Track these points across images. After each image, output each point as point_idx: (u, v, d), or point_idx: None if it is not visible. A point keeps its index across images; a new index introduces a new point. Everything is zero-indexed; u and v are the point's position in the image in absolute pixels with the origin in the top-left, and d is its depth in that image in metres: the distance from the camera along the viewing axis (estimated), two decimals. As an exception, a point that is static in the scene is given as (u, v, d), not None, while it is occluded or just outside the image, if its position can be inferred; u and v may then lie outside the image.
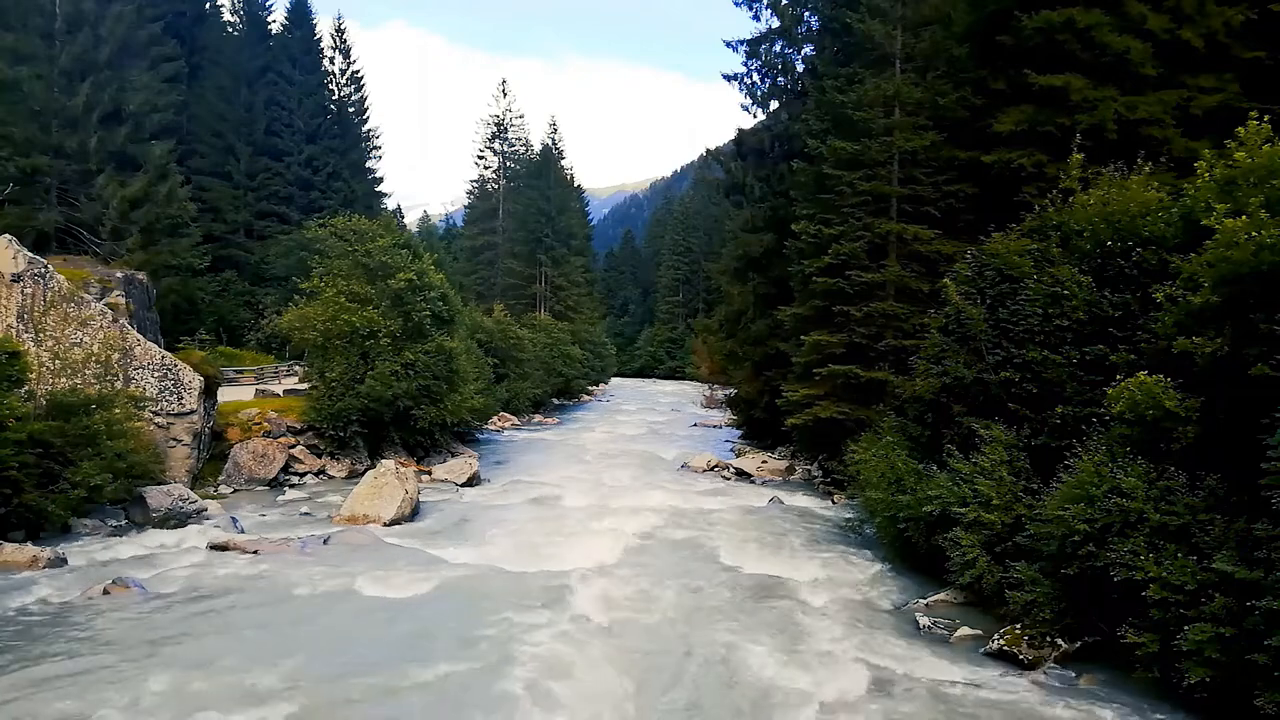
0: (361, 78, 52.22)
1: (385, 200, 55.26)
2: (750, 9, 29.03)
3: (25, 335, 17.21)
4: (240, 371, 31.49)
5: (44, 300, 17.75)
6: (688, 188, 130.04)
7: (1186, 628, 8.10)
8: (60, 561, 12.83)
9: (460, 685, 8.89)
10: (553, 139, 71.37)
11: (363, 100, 52.71)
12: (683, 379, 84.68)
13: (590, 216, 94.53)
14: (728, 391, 37.44)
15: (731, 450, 29.97)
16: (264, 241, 43.49)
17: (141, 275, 24.04)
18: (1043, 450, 11.63)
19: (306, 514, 17.71)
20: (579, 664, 9.51)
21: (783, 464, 25.85)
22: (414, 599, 11.86)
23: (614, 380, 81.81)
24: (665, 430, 39.95)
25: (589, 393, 64.28)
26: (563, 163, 73.35)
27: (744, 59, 29.40)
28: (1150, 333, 10.49)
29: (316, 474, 22.15)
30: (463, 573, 13.24)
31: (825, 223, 21.16)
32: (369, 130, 53.55)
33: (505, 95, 70.75)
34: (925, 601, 12.19)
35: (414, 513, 17.59)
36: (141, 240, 28.51)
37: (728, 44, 29.69)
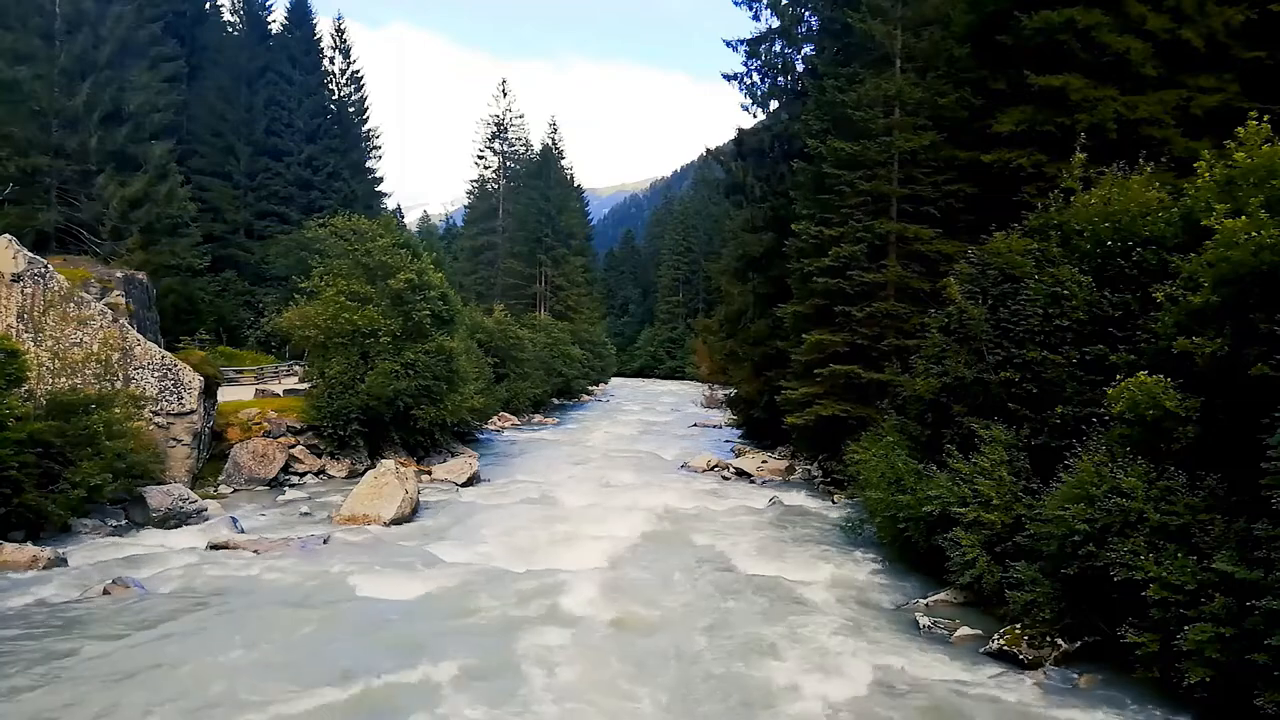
0: (361, 78, 52.26)
1: (385, 200, 55.27)
2: (750, 9, 29.03)
3: (25, 335, 17.21)
4: (240, 371, 31.48)
5: (44, 300, 17.75)
6: (688, 187, 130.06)
7: (1186, 628, 8.10)
8: (60, 561, 12.83)
9: (461, 685, 8.89)
10: (553, 139, 71.53)
11: (363, 100, 52.72)
12: (683, 379, 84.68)
13: (590, 216, 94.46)
14: (728, 391, 37.43)
15: (731, 450, 29.96)
16: (264, 241, 43.44)
17: (141, 275, 24.04)
18: (1043, 450, 11.63)
19: (306, 514, 17.71)
20: (579, 664, 9.52)
21: (783, 464, 25.84)
22: (414, 599, 11.86)
23: (614, 380, 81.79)
24: (665, 430, 39.94)
25: (589, 393, 64.26)
26: (563, 163, 73.49)
27: (744, 59, 29.40)
28: (1150, 333, 10.49)
29: (316, 474, 22.15)
30: (463, 573, 13.24)
31: (825, 223, 21.17)
32: (369, 130, 53.56)
33: (505, 95, 70.83)
34: (925, 601, 12.19)
35: (414, 512, 17.59)
36: (141, 240, 28.50)
37: (727, 44, 29.73)
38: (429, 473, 22.81)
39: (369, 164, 53.22)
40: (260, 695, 8.33)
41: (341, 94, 51.07)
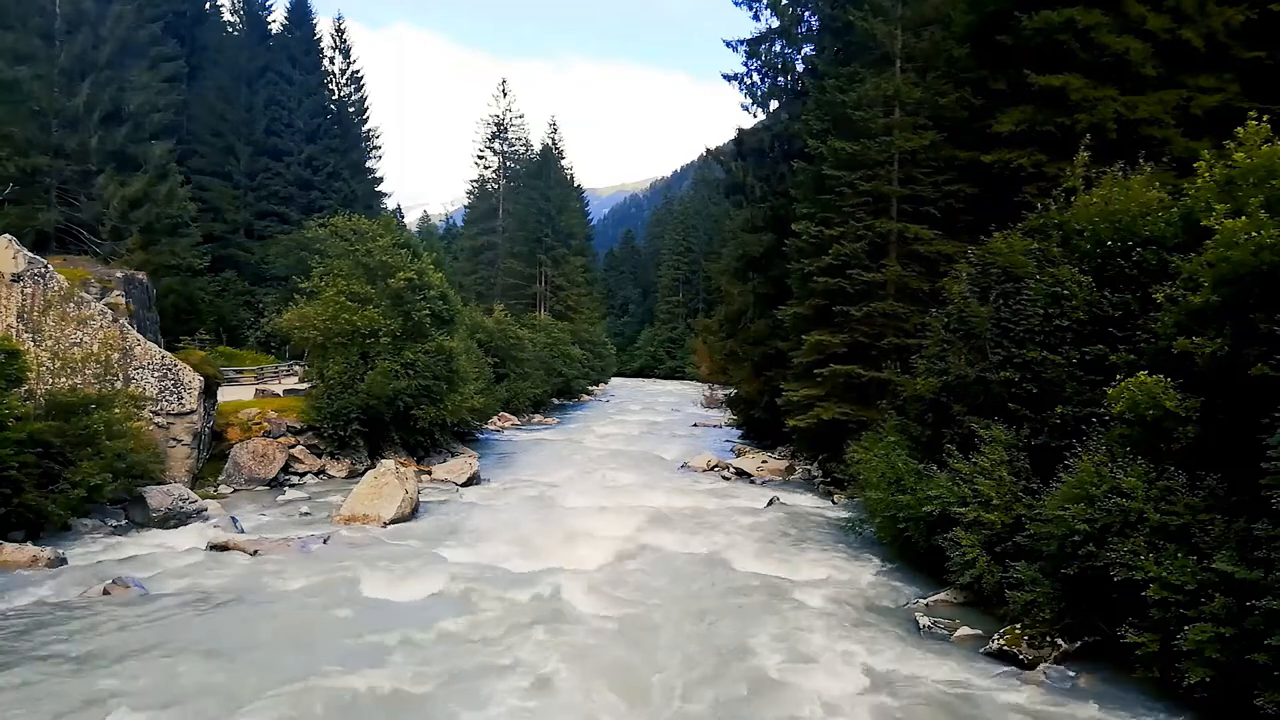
0: (361, 78, 52.30)
1: (385, 200, 55.31)
2: (750, 9, 29.01)
3: (25, 335, 17.20)
4: (240, 371, 31.48)
5: (44, 300, 17.74)
6: (688, 187, 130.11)
7: (1186, 628, 8.10)
8: (60, 561, 12.83)
9: (461, 685, 8.89)
10: (553, 139, 71.58)
11: (363, 100, 52.75)
12: (683, 379, 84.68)
13: (590, 216, 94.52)
14: (728, 391, 37.44)
15: (731, 450, 29.97)
16: (264, 241, 43.47)
17: (141, 275, 24.04)
18: (1043, 450, 11.62)
19: (306, 514, 17.71)
20: (579, 664, 9.51)
21: (783, 464, 25.84)
22: (414, 599, 11.86)
23: (614, 380, 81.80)
24: (665, 430, 39.95)
25: (589, 393, 64.28)
26: (563, 162, 73.54)
27: (744, 59, 29.37)
28: (1150, 333, 10.48)
29: (316, 474, 22.14)
30: (463, 573, 13.23)
31: (825, 223, 21.17)
32: (369, 130, 53.59)
33: (505, 95, 70.89)
34: (925, 601, 12.19)
35: (414, 512, 17.59)
36: (141, 240, 28.53)
37: (727, 44, 29.71)
38: (429, 473, 22.81)
39: (369, 164, 53.28)
40: (260, 695, 8.33)
41: (341, 94, 51.11)
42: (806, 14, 28.61)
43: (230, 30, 48.87)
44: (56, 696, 8.20)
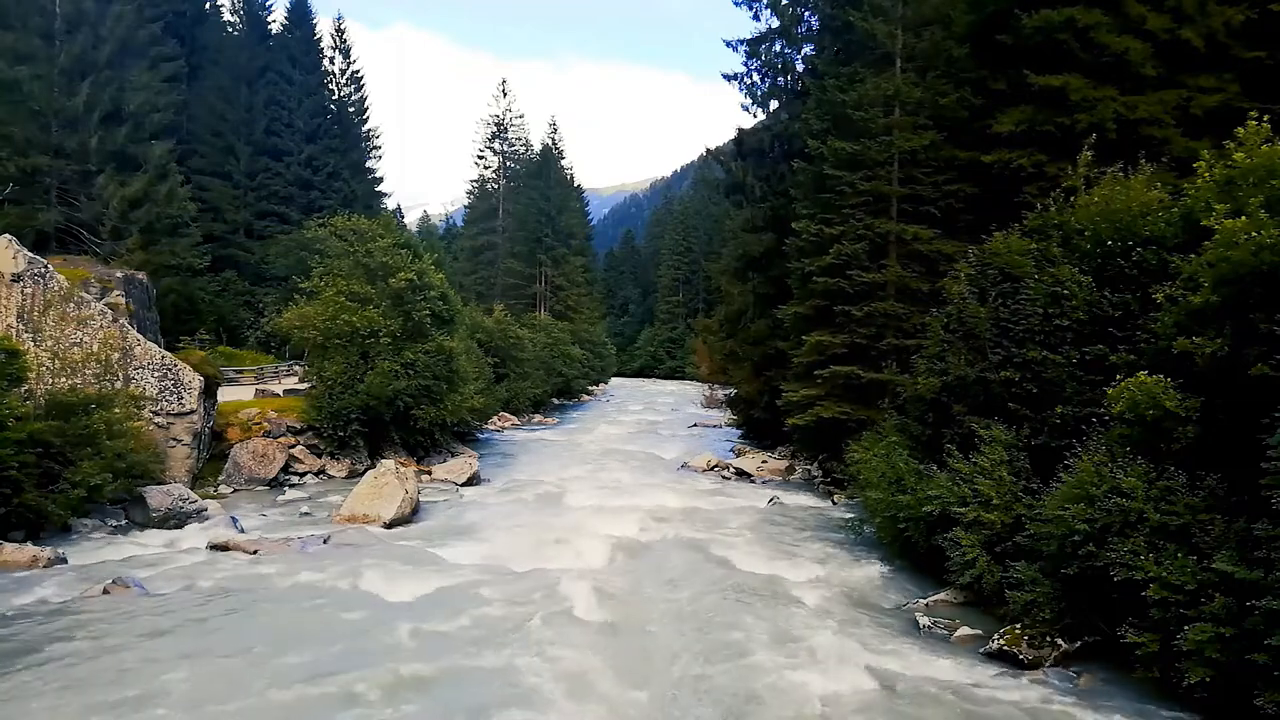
0: (361, 77, 52.29)
1: (385, 200, 55.30)
2: (750, 9, 29.01)
3: (25, 335, 17.21)
4: (240, 371, 31.48)
5: (44, 300, 17.75)
6: (688, 187, 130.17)
7: (1186, 628, 8.10)
8: (60, 561, 12.84)
9: (460, 685, 8.89)
10: (553, 139, 71.58)
11: (363, 100, 52.74)
12: (683, 379, 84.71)
13: (590, 216, 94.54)
14: (728, 391, 37.46)
15: (731, 450, 29.97)
16: (264, 241, 43.46)
17: (141, 275, 24.03)
18: (1043, 450, 11.62)
19: (306, 514, 17.71)
20: (579, 664, 9.51)
21: (783, 464, 25.84)
22: (414, 599, 11.86)
23: (614, 380, 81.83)
24: (665, 430, 39.95)
25: (589, 392, 64.29)
26: (563, 162, 73.55)
27: (744, 59, 29.38)
28: (1150, 333, 10.48)
29: (316, 474, 22.14)
30: (463, 572, 13.24)
31: (826, 222, 21.17)
32: (369, 130, 53.58)
33: (505, 95, 70.91)
34: (925, 601, 12.19)
35: (414, 512, 17.59)
36: (141, 240, 28.52)
37: (727, 44, 29.73)
38: (429, 473, 22.81)
39: (369, 164, 53.26)
40: (259, 695, 8.33)
41: (341, 94, 51.10)
42: (806, 14, 28.61)
43: (230, 30, 48.87)
44: (56, 697, 8.20)
